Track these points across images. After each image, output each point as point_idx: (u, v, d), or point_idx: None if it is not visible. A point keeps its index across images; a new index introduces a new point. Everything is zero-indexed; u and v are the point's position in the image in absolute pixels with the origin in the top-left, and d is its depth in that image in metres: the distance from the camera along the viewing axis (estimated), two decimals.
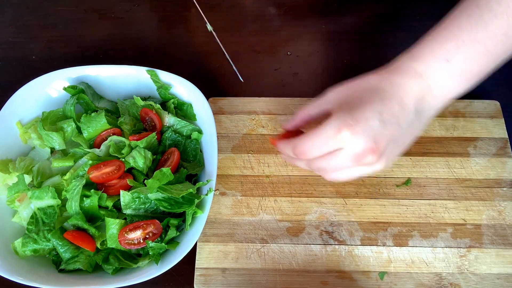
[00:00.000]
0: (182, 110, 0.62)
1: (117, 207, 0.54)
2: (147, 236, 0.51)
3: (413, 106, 0.45)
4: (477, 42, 0.43)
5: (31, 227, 0.53)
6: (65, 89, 0.60)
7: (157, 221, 0.52)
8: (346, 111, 0.44)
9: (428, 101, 0.45)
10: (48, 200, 0.53)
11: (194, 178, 0.58)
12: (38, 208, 0.53)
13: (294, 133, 0.51)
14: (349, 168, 0.46)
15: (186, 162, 0.59)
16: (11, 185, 0.55)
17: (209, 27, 0.54)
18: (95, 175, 0.53)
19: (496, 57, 0.44)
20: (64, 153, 0.59)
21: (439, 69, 0.44)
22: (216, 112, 0.66)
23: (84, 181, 0.52)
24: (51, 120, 0.60)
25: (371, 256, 0.56)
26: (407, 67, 0.46)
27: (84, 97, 0.61)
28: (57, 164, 0.55)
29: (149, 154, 0.55)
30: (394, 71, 0.46)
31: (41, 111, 0.60)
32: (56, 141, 0.57)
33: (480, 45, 0.43)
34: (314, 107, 0.49)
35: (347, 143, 0.43)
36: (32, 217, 0.54)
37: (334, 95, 0.48)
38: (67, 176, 0.55)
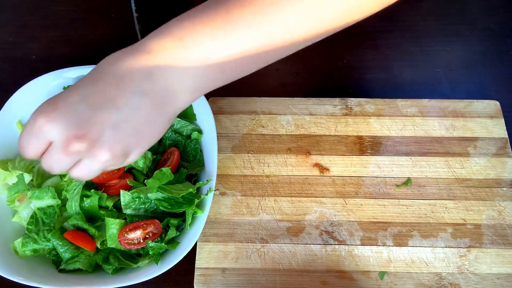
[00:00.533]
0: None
1: (117, 207, 0.54)
2: (147, 236, 0.51)
3: (137, 86, 0.38)
4: (216, 28, 0.39)
5: (31, 227, 0.53)
6: (65, 88, 0.60)
7: (157, 221, 0.52)
8: (51, 98, 0.40)
9: (159, 83, 0.39)
10: (48, 200, 0.53)
11: (194, 178, 0.58)
12: (38, 208, 0.53)
13: None
14: (69, 161, 0.39)
15: (186, 162, 0.59)
16: (11, 185, 0.55)
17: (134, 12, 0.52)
18: None
19: (239, 53, 0.40)
20: None
21: (171, 49, 0.39)
22: (216, 112, 0.66)
23: (84, 181, 0.52)
24: None
25: (371, 256, 0.56)
26: (141, 44, 0.40)
27: None
28: None
29: (149, 154, 0.55)
30: (130, 48, 0.40)
31: None
32: None
33: (219, 30, 0.39)
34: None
35: (46, 133, 0.38)
36: (32, 217, 0.54)
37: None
38: (67, 177, 0.55)
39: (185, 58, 0.39)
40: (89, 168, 0.40)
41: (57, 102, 0.38)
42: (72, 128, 0.37)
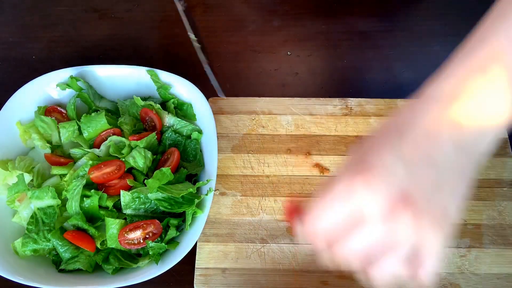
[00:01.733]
0: (182, 110, 0.62)
1: (117, 207, 0.54)
2: (147, 236, 0.51)
3: (449, 137, 0.33)
4: (489, 41, 0.33)
5: (31, 227, 0.53)
6: (67, 85, 0.60)
7: (157, 221, 0.52)
8: (356, 160, 0.34)
9: (469, 127, 0.33)
10: (48, 200, 0.53)
11: (194, 178, 0.58)
12: (38, 208, 0.53)
13: None
14: (390, 239, 0.32)
15: (186, 162, 0.59)
16: (11, 185, 0.55)
17: (192, 37, 0.52)
18: (95, 175, 0.53)
19: None
20: (63, 153, 0.59)
21: (473, 82, 0.33)
22: (216, 112, 0.66)
23: (84, 181, 0.52)
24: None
25: None
26: (433, 89, 0.35)
27: (84, 96, 0.61)
28: (57, 172, 0.55)
29: (149, 154, 0.55)
30: (424, 99, 0.35)
31: None
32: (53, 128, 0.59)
33: (495, 38, 0.33)
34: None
35: (365, 201, 0.32)
36: (32, 217, 0.54)
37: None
38: (67, 178, 0.55)
39: (485, 94, 0.33)
40: (408, 247, 0.33)
41: (370, 163, 0.33)
42: (395, 193, 0.31)
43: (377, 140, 0.34)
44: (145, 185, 0.52)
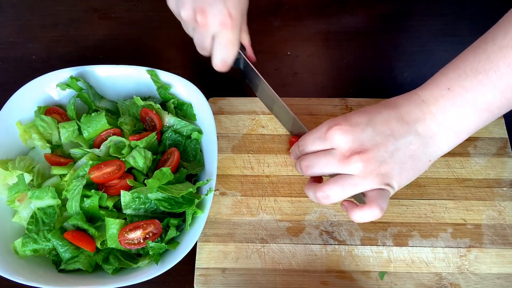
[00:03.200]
0: (182, 110, 0.62)
1: (117, 207, 0.54)
2: (147, 236, 0.51)
3: (413, 126, 0.45)
4: (479, 73, 0.43)
5: (31, 227, 0.53)
6: (67, 85, 0.60)
7: (157, 221, 0.52)
8: (342, 115, 0.48)
9: (431, 126, 0.45)
10: (48, 200, 0.53)
11: (194, 178, 0.58)
12: (38, 208, 0.53)
13: None
14: (337, 177, 0.46)
15: (186, 162, 0.59)
16: (11, 185, 0.55)
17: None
18: (96, 175, 0.53)
19: (504, 90, 0.43)
20: (63, 153, 0.59)
21: (441, 97, 0.45)
22: (216, 112, 0.66)
23: (84, 181, 0.52)
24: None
25: (371, 256, 0.56)
26: (413, 95, 0.47)
27: (84, 96, 0.61)
28: (57, 172, 0.55)
29: (149, 154, 0.55)
30: (401, 97, 0.48)
31: None
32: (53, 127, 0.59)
33: (482, 75, 0.43)
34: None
35: (336, 141, 0.46)
36: (32, 217, 0.54)
37: None
38: (67, 178, 0.55)
39: (453, 106, 0.45)
40: (351, 186, 0.46)
41: (351, 121, 0.46)
42: (356, 143, 0.45)
43: (365, 109, 0.48)
44: (145, 185, 0.52)
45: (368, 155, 0.44)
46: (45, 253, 0.53)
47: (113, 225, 0.51)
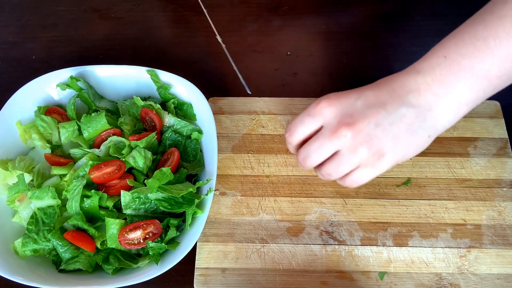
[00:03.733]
0: (182, 110, 0.62)
1: (117, 207, 0.54)
2: (147, 236, 0.51)
3: (405, 98, 0.44)
4: (477, 40, 0.42)
5: (31, 227, 0.53)
6: (67, 85, 0.60)
7: (157, 221, 0.52)
8: (335, 93, 0.47)
9: (426, 97, 0.43)
10: (48, 200, 0.53)
11: (194, 178, 0.58)
12: (38, 208, 0.53)
13: None
14: (331, 158, 0.46)
15: (186, 162, 0.59)
16: (11, 185, 0.55)
17: (219, 39, 0.54)
18: (96, 175, 0.53)
19: (503, 58, 0.42)
20: (63, 153, 0.59)
21: (437, 65, 0.43)
22: (216, 112, 0.66)
23: (84, 181, 0.52)
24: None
25: (371, 256, 0.56)
26: (410, 68, 0.46)
27: (84, 96, 0.61)
28: (57, 172, 0.55)
29: (149, 154, 0.55)
30: (397, 73, 0.46)
31: None
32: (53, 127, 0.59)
33: (480, 42, 0.42)
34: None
35: (324, 114, 0.45)
36: (32, 217, 0.54)
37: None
38: (67, 178, 0.55)
39: (450, 73, 0.43)
40: (344, 161, 0.45)
41: (341, 95, 0.46)
42: (345, 116, 0.44)
43: (357, 88, 0.47)
44: (145, 185, 0.52)
45: (357, 127, 0.43)
46: (45, 253, 0.53)
47: (113, 225, 0.51)
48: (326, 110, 0.45)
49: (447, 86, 0.43)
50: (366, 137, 0.44)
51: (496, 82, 0.43)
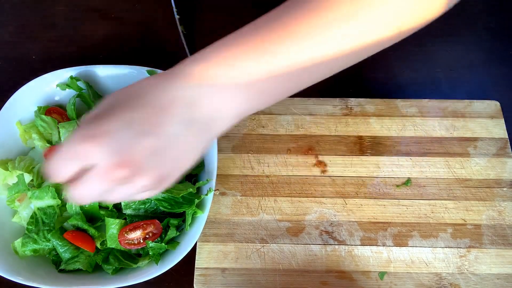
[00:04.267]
0: None
1: (117, 208, 0.54)
2: (147, 236, 0.51)
3: (180, 114, 0.38)
4: (264, 52, 0.38)
5: (31, 227, 0.53)
6: (67, 85, 0.60)
7: (157, 221, 0.52)
8: (93, 121, 0.38)
9: (201, 109, 0.38)
10: (48, 200, 0.53)
11: (194, 178, 0.58)
12: (38, 208, 0.53)
13: None
14: (105, 188, 0.38)
15: None
16: (11, 185, 0.55)
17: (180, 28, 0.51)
18: None
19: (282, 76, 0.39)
20: None
21: (217, 76, 0.38)
22: None
23: None
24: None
25: (371, 256, 0.56)
26: (185, 69, 0.39)
27: (84, 96, 0.61)
28: None
29: None
30: (169, 74, 0.40)
31: None
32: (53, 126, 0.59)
33: (266, 56, 0.38)
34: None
35: (90, 157, 0.37)
36: (32, 217, 0.54)
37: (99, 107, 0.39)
38: None
39: (227, 82, 0.38)
40: (125, 193, 0.39)
41: (100, 126, 0.37)
42: (115, 155, 0.36)
43: (117, 106, 0.38)
44: None
45: (134, 164, 0.37)
46: (45, 253, 0.53)
47: (113, 225, 0.51)
48: (90, 152, 0.36)
49: (227, 100, 0.39)
50: (145, 171, 0.38)
51: (270, 95, 0.42)
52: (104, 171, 0.37)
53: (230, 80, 0.38)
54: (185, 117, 0.38)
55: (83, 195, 0.38)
